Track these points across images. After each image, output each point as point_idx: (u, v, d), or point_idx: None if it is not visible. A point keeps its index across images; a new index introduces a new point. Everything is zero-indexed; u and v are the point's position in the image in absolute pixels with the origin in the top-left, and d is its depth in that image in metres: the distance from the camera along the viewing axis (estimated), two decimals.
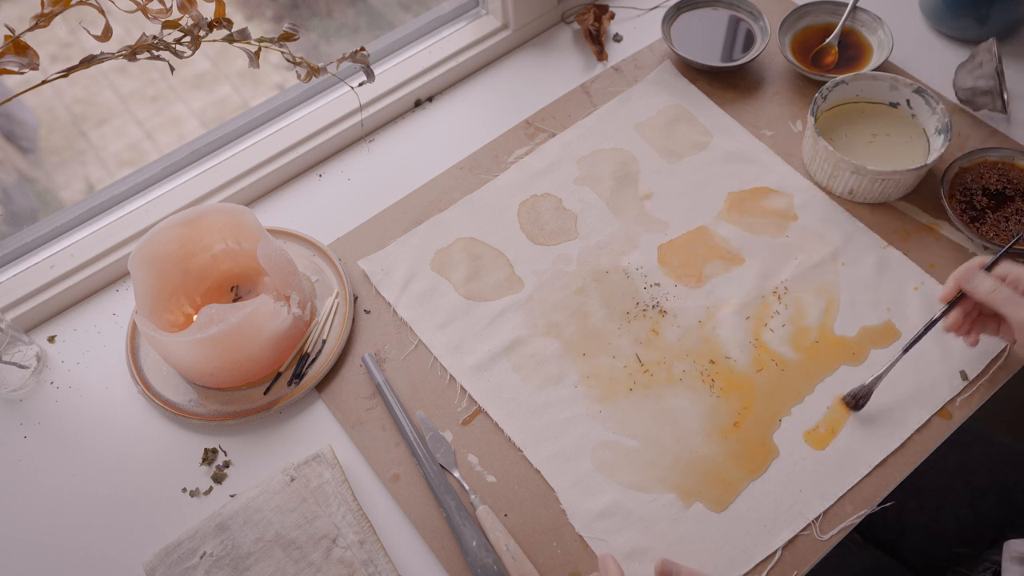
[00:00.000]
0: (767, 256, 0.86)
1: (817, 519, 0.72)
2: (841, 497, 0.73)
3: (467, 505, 0.74)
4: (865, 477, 0.73)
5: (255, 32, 0.77)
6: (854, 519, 0.72)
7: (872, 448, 0.75)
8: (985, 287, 0.72)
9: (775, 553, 0.71)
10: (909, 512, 0.89)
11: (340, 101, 0.99)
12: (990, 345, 0.79)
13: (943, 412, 0.76)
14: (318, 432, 0.79)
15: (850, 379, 0.78)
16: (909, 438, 0.75)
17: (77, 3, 0.68)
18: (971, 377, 0.78)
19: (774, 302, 0.83)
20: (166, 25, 0.73)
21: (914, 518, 0.89)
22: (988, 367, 0.78)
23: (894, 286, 0.83)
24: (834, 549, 0.71)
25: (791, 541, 0.71)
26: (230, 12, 0.75)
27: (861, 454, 0.74)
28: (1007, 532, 0.86)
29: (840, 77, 0.91)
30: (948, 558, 0.88)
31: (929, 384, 0.78)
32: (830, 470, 0.74)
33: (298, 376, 0.81)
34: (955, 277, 0.74)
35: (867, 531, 0.93)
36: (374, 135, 1.00)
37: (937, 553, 0.88)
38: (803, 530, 0.71)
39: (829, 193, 0.90)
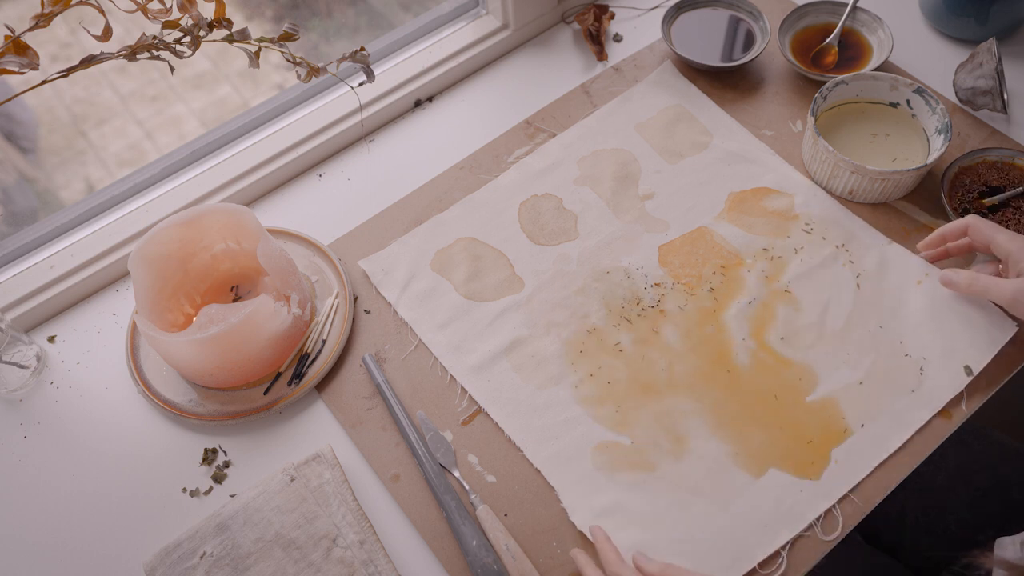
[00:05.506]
0: (768, 256, 0.86)
1: (818, 519, 0.72)
2: (841, 497, 0.72)
3: (467, 505, 0.74)
4: (865, 477, 0.73)
5: (255, 32, 0.77)
6: (854, 519, 0.72)
7: (872, 448, 0.75)
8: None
9: (776, 553, 0.70)
10: (909, 512, 0.89)
11: (340, 101, 0.99)
12: (994, 336, 0.78)
13: (943, 412, 0.76)
14: (318, 432, 0.79)
15: (850, 377, 0.78)
16: (909, 438, 0.75)
17: (77, 3, 0.68)
18: (976, 372, 0.77)
19: (775, 302, 0.83)
20: (166, 25, 0.73)
21: (914, 518, 0.89)
22: (993, 361, 0.77)
23: (897, 282, 0.83)
24: (834, 549, 0.71)
25: (792, 541, 0.71)
26: (230, 12, 0.75)
27: (862, 454, 0.74)
28: (1007, 532, 0.86)
29: (840, 77, 0.91)
30: (948, 558, 0.88)
31: (932, 381, 0.77)
32: (831, 470, 0.74)
33: (298, 376, 0.81)
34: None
35: (867, 531, 0.93)
36: (374, 135, 1.00)
37: (937, 553, 0.88)
38: (804, 530, 0.71)
39: (830, 193, 0.90)
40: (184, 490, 0.77)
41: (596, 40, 1.04)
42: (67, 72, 0.70)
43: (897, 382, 0.78)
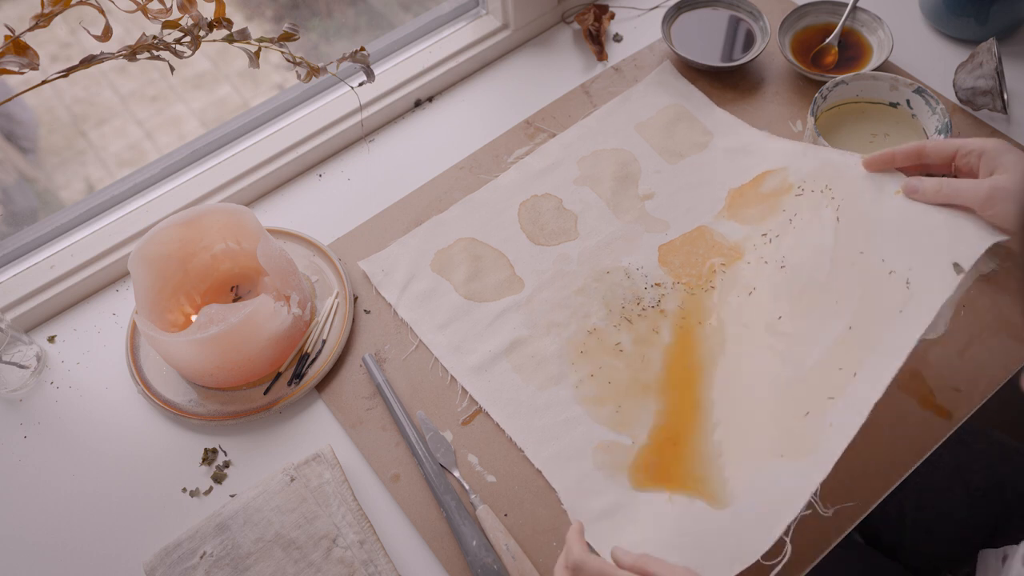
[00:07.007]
0: (766, 240, 0.84)
1: (816, 493, 0.65)
2: (843, 494, 0.71)
3: (467, 505, 0.74)
4: (866, 477, 0.72)
5: (255, 32, 0.78)
6: (854, 519, 0.72)
7: (867, 390, 0.66)
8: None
9: (777, 552, 0.70)
10: (909, 512, 0.89)
11: (340, 101, 0.99)
12: (985, 229, 0.68)
13: (942, 412, 0.76)
14: (318, 432, 0.79)
15: (840, 327, 0.73)
16: (907, 434, 0.74)
17: (77, 3, 0.68)
18: (966, 268, 0.66)
19: (772, 285, 0.80)
20: (166, 25, 0.73)
21: (913, 518, 0.89)
22: (994, 360, 0.76)
23: (874, 196, 0.74)
24: (834, 549, 0.71)
25: (793, 540, 0.70)
26: (230, 12, 0.75)
27: (856, 405, 0.66)
28: (1005, 533, 0.86)
29: (840, 77, 0.91)
30: (947, 558, 0.88)
31: (919, 288, 0.68)
32: (827, 436, 0.66)
33: (298, 376, 0.81)
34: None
35: (867, 532, 0.93)
36: (374, 135, 1.00)
37: (936, 553, 0.88)
38: (804, 509, 0.65)
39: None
40: (184, 490, 0.77)
41: (596, 40, 1.04)
42: (67, 72, 0.70)
43: (884, 307, 0.69)
